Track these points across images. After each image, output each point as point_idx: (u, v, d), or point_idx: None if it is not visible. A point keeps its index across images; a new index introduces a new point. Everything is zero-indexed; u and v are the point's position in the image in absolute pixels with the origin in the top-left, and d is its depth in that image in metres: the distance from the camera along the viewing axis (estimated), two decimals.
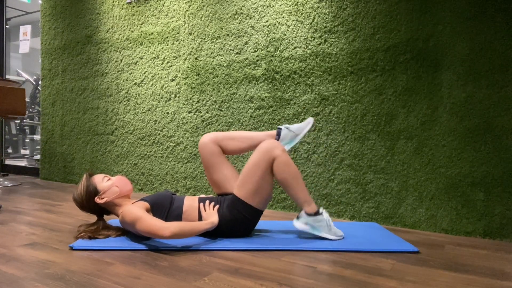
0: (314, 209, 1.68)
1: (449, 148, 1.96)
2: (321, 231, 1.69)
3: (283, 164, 1.64)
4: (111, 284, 1.19)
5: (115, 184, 1.69)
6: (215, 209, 1.69)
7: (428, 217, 2.01)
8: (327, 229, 1.69)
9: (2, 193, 2.99)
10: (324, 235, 1.69)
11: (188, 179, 2.82)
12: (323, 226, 1.69)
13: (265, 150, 1.66)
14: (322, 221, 1.69)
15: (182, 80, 2.87)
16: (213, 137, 1.83)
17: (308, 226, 1.69)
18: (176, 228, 1.48)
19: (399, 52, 2.08)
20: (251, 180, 1.66)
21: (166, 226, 1.47)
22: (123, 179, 1.74)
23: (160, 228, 1.47)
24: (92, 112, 3.43)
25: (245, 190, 1.67)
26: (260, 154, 1.67)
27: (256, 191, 1.66)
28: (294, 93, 2.39)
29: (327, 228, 1.69)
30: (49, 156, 3.78)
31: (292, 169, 1.66)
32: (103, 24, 3.34)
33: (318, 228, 1.69)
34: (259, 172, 1.65)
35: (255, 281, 1.24)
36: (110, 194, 1.67)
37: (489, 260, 1.52)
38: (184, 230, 1.50)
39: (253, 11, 2.55)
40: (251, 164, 1.68)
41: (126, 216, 1.56)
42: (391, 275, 1.31)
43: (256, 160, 1.66)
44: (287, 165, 1.65)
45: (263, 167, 1.65)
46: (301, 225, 1.70)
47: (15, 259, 1.41)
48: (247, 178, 1.67)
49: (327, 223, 1.69)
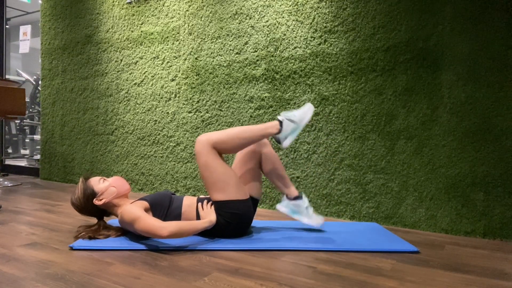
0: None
1: (449, 148, 1.96)
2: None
3: (220, 142, 1.68)
4: (111, 284, 1.19)
5: (112, 185, 1.69)
6: (212, 208, 1.69)
7: (428, 217, 2.01)
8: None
9: (2, 193, 2.99)
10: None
11: (188, 179, 2.82)
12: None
13: (197, 148, 1.68)
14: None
15: (182, 80, 2.87)
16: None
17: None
18: (174, 227, 1.48)
19: (399, 52, 2.08)
20: (212, 180, 1.67)
21: (164, 225, 1.48)
22: (120, 179, 1.74)
23: (158, 228, 1.47)
24: (92, 112, 3.43)
25: (215, 192, 1.68)
26: (199, 155, 1.68)
27: (223, 185, 1.66)
28: (294, 93, 2.39)
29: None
30: (49, 156, 3.78)
31: (229, 133, 1.69)
32: (103, 24, 3.34)
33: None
34: (211, 168, 1.67)
35: (255, 281, 1.24)
36: (108, 195, 1.67)
37: (489, 260, 1.52)
38: (183, 230, 1.50)
39: (253, 11, 2.55)
40: (201, 169, 1.69)
41: (125, 216, 1.56)
42: (391, 275, 1.31)
43: (202, 162, 1.68)
44: (222, 136, 1.68)
45: (210, 161, 1.66)
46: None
47: (15, 259, 1.41)
48: (209, 181, 1.68)
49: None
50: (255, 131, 1.70)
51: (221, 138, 1.68)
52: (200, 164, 1.68)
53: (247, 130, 1.69)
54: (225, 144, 1.68)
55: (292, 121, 1.72)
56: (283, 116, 1.74)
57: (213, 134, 1.69)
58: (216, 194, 1.67)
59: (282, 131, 1.72)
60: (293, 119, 1.72)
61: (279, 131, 1.71)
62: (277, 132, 1.71)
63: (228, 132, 1.69)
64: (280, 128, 1.72)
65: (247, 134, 1.69)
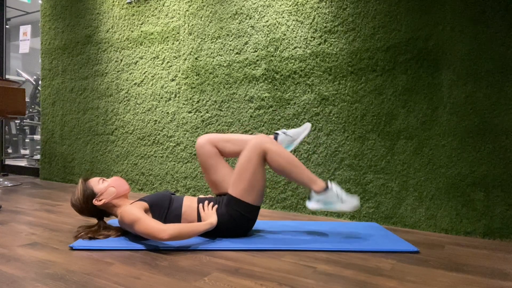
0: (322, 186, 1.67)
1: (449, 148, 1.96)
2: (334, 205, 1.69)
3: (276, 155, 1.66)
4: (111, 284, 1.19)
5: (112, 185, 1.69)
6: (213, 209, 1.69)
7: (428, 217, 2.01)
8: (339, 201, 1.68)
9: (2, 193, 2.99)
10: (339, 208, 1.68)
11: (188, 179, 2.82)
12: (335, 200, 1.68)
13: (254, 145, 1.67)
14: (333, 196, 1.68)
15: (182, 80, 2.87)
16: (209, 138, 1.83)
17: (320, 203, 1.70)
18: (174, 230, 1.48)
19: (399, 52, 2.08)
20: (244, 177, 1.67)
21: (164, 228, 1.47)
22: (119, 179, 1.74)
23: (158, 231, 1.47)
24: (92, 112, 3.43)
25: (239, 188, 1.67)
26: (250, 150, 1.67)
27: (250, 187, 1.67)
28: (294, 93, 2.39)
29: (338, 200, 1.68)
30: (49, 156, 3.78)
31: (285, 156, 1.67)
32: (103, 24, 3.34)
33: (330, 203, 1.69)
34: (251, 168, 1.66)
35: (255, 281, 1.24)
36: (107, 195, 1.67)
37: (489, 260, 1.52)
38: (183, 232, 1.50)
39: (253, 11, 2.55)
40: (243, 161, 1.68)
41: (125, 217, 1.55)
42: (391, 275, 1.31)
43: (248, 157, 1.67)
44: (279, 154, 1.67)
45: (255, 163, 1.66)
46: (314, 204, 1.71)
47: (15, 259, 1.41)
48: (241, 176, 1.67)
49: (338, 195, 1.68)
50: (304, 172, 1.69)
51: (277, 157, 1.68)
52: (247, 156, 1.68)
53: (298, 166, 1.69)
54: (277, 166, 1.69)
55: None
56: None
57: (278, 147, 1.69)
58: (237, 190, 1.67)
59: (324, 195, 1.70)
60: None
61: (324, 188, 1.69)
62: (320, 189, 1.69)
63: (288, 157, 1.69)
64: None
65: (297, 170, 1.68)
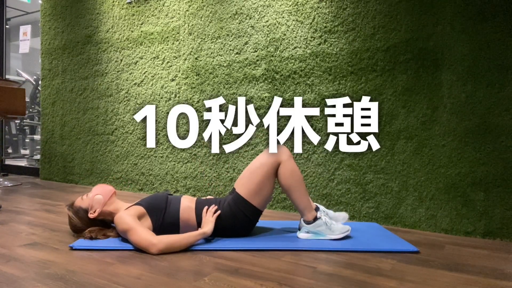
0: (313, 215, 1.70)
1: (449, 148, 1.96)
2: (325, 235, 1.70)
3: (289, 171, 1.67)
4: (111, 284, 1.19)
5: (96, 193, 1.70)
6: (213, 217, 1.65)
7: (428, 217, 2.01)
8: (328, 229, 1.69)
9: (2, 193, 2.99)
10: (329, 237, 1.69)
11: (188, 179, 2.82)
12: (323, 228, 1.69)
13: (273, 153, 1.68)
14: (321, 224, 1.69)
15: (182, 80, 2.87)
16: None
17: (310, 234, 1.71)
18: (164, 245, 1.49)
19: (399, 52, 2.08)
20: (255, 179, 1.67)
21: (154, 242, 1.48)
22: (100, 185, 1.76)
23: (148, 245, 1.48)
24: (92, 112, 3.43)
25: (247, 189, 1.68)
26: (267, 155, 1.69)
27: (258, 191, 1.67)
28: (294, 93, 2.39)
29: (327, 228, 1.69)
30: (49, 156, 3.78)
31: (297, 177, 1.68)
32: (103, 24, 3.34)
33: (320, 233, 1.70)
34: (263, 173, 1.67)
35: (255, 281, 1.24)
36: (98, 204, 1.68)
37: (489, 260, 1.52)
38: (174, 246, 1.51)
39: (253, 11, 2.55)
40: (257, 164, 1.70)
41: (118, 225, 1.57)
42: (391, 275, 1.31)
43: (262, 161, 1.69)
44: (292, 172, 1.67)
45: (268, 169, 1.67)
46: (304, 235, 1.72)
47: (15, 259, 1.41)
48: (251, 177, 1.68)
49: (326, 224, 1.70)
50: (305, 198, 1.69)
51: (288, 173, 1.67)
52: (262, 161, 1.69)
53: (303, 190, 1.69)
54: (284, 181, 1.68)
55: (327, 227, 1.70)
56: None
57: (293, 164, 1.69)
58: (245, 190, 1.68)
59: (313, 224, 1.70)
60: (330, 227, 1.70)
61: (313, 219, 1.70)
62: (310, 219, 1.70)
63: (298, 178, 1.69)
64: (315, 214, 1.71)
65: (300, 193, 1.68)
